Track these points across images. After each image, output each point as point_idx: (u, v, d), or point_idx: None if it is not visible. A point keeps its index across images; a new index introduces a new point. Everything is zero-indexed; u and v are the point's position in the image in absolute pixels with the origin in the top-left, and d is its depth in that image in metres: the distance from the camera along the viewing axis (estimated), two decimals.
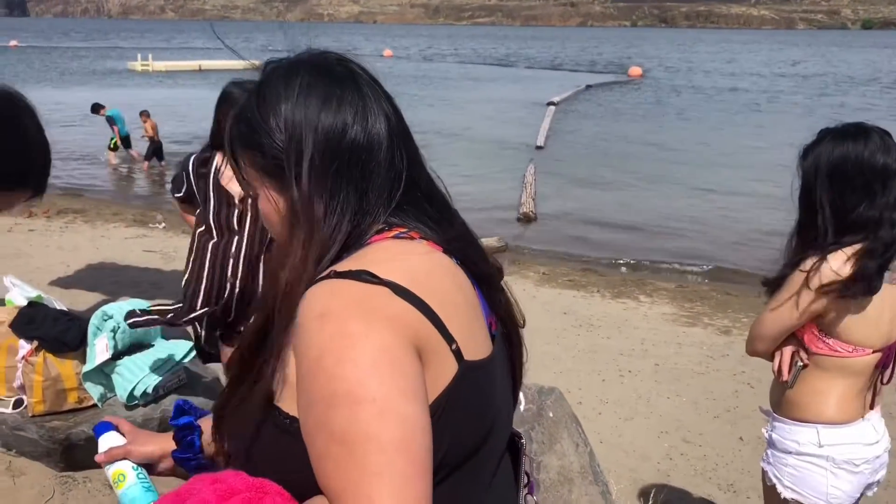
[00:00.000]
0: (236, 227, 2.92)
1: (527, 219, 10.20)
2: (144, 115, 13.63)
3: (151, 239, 8.01)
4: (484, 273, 1.12)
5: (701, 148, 16.65)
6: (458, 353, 0.97)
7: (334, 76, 1.07)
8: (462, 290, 1.05)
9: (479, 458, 1.03)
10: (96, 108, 13.82)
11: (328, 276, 0.96)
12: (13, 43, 59.39)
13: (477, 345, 1.02)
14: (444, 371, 0.96)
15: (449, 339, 0.96)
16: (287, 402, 0.97)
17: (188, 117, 19.75)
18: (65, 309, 3.54)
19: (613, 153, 15.84)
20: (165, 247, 7.64)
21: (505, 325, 1.17)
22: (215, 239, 2.95)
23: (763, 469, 2.23)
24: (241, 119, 1.08)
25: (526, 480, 1.24)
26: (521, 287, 6.86)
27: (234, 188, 2.92)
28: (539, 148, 16.04)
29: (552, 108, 22.38)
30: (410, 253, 1.02)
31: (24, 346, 3.20)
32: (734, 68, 46.02)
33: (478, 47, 77.36)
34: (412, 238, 1.04)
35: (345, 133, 1.03)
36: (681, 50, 73.91)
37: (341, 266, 0.97)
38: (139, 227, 8.57)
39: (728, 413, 4.45)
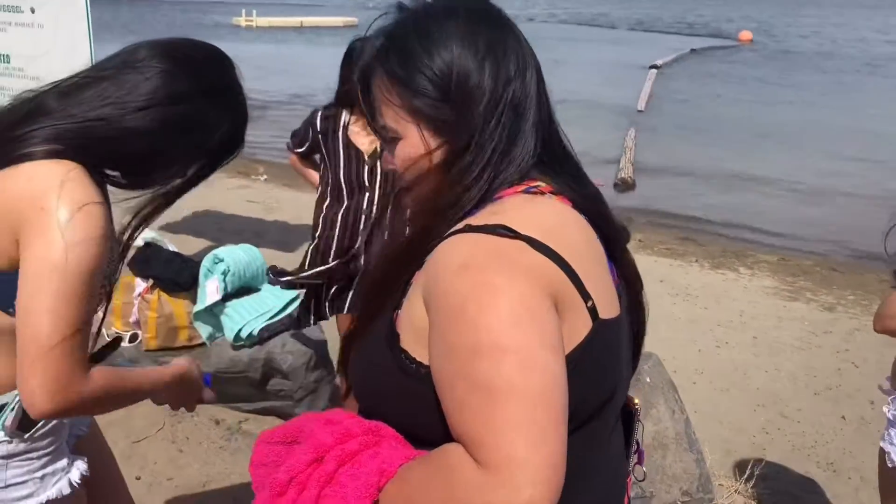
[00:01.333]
0: (366, 183, 2.92)
1: (625, 184, 10.01)
2: None
3: (253, 190, 8.25)
4: (612, 233, 1.11)
5: (814, 121, 15.90)
6: (593, 311, 0.96)
7: (498, 24, 1.05)
8: (592, 246, 1.04)
9: (601, 419, 1.02)
10: None
11: (463, 230, 0.96)
12: None
13: (608, 303, 1.01)
14: (579, 326, 0.95)
15: (585, 295, 0.95)
16: (414, 347, 0.97)
17: (288, 73, 20.13)
18: (177, 251, 3.71)
19: (719, 121, 15.30)
20: (267, 198, 7.86)
21: (630, 287, 1.15)
22: (345, 195, 2.96)
23: (884, 450, 2.13)
24: (399, 54, 1.03)
25: (635, 448, 1.22)
26: None
27: (363, 143, 2.92)
28: (640, 112, 15.65)
29: (654, 71, 21.75)
30: (542, 208, 1.01)
31: (140, 284, 3.39)
32: (856, 34, 43.53)
33: (579, 7, 75.70)
34: (542, 193, 1.03)
35: (510, 83, 1.01)
36: (795, 14, 70.38)
37: (476, 220, 0.96)
38: (242, 179, 8.83)
39: (829, 391, 4.30)
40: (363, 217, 2.93)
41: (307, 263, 3.04)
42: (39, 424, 1.36)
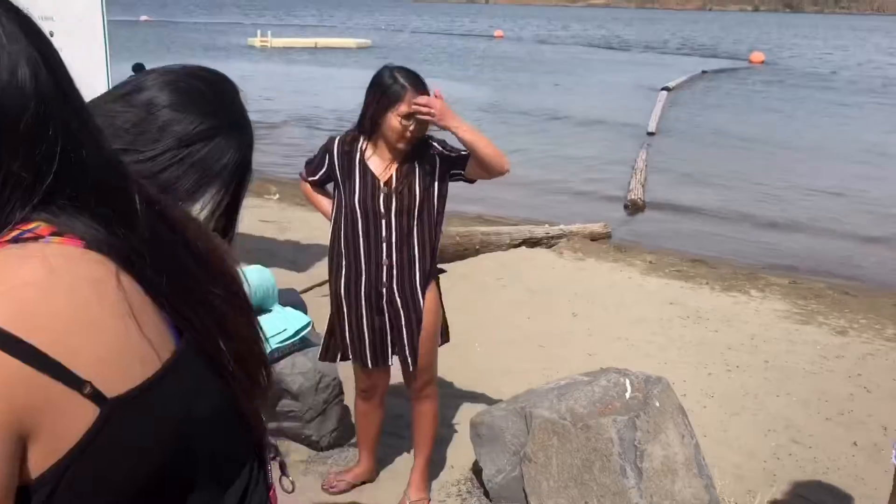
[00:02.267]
0: (382, 209, 2.89)
1: (635, 205, 10.01)
2: None
3: (266, 210, 8.31)
4: (173, 271, 0.88)
5: (825, 143, 15.88)
6: (95, 395, 0.75)
7: None
8: (109, 300, 0.79)
9: (170, 494, 0.86)
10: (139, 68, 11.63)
11: None
12: (144, 18, 62.43)
13: (130, 367, 0.80)
14: (75, 422, 0.74)
15: (76, 382, 0.73)
16: None
17: (301, 94, 20.27)
18: None
19: (729, 142, 15.31)
20: (280, 218, 7.91)
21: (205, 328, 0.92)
22: (360, 222, 2.91)
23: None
24: None
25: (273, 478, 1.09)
26: (626, 275, 6.76)
27: (379, 170, 2.90)
28: (650, 134, 15.68)
29: (665, 93, 21.79)
30: (26, 269, 0.74)
31: None
32: (871, 58, 43.48)
33: (592, 30, 76.03)
34: (38, 237, 0.77)
35: None
36: (807, 36, 70.44)
37: None
38: (254, 198, 8.88)
39: (841, 416, 4.27)
40: (384, 245, 2.89)
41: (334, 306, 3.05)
42: None
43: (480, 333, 5.10)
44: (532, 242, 7.41)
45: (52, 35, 3.26)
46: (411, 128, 2.78)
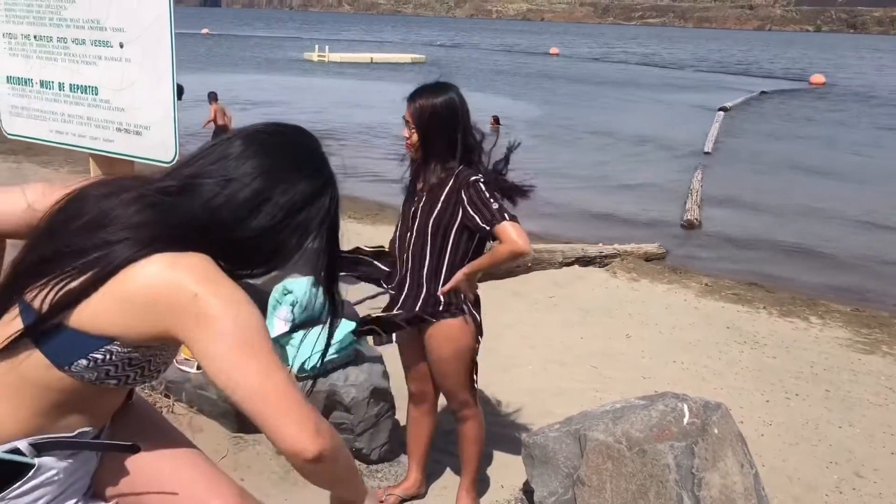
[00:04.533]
0: (410, 221, 2.92)
1: (691, 226, 9.85)
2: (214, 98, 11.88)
3: None
4: None
5: (887, 169, 15.44)
6: None
7: None
8: None
9: None
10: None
11: None
12: (205, 30, 64.09)
13: None
14: None
15: None
16: None
17: (356, 106, 20.48)
18: (248, 280, 3.78)
19: (787, 165, 14.99)
20: None
21: None
22: (398, 224, 2.96)
23: None
24: None
25: None
26: (681, 297, 6.63)
27: (420, 183, 2.88)
28: (707, 153, 15.45)
29: (722, 113, 21.48)
30: None
31: None
32: None
33: (648, 48, 75.44)
34: None
35: None
36: (872, 58, 68.83)
37: None
38: None
39: None
40: (406, 254, 2.88)
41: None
42: (16, 485, 1.31)
43: (532, 352, 5.05)
44: (585, 261, 7.33)
45: (122, 46, 3.31)
46: (405, 133, 2.79)
